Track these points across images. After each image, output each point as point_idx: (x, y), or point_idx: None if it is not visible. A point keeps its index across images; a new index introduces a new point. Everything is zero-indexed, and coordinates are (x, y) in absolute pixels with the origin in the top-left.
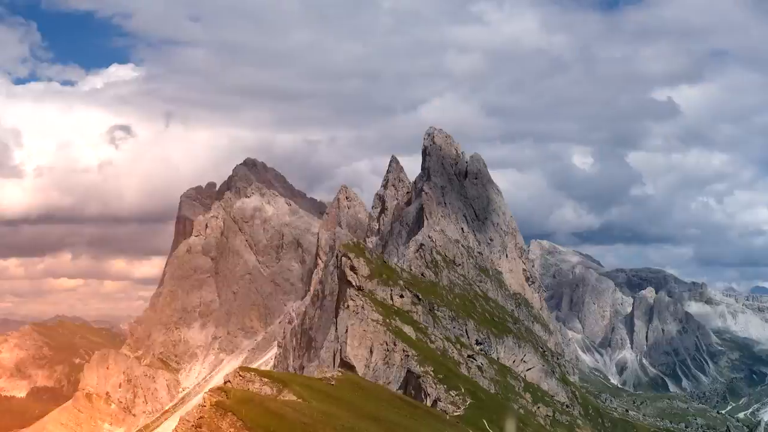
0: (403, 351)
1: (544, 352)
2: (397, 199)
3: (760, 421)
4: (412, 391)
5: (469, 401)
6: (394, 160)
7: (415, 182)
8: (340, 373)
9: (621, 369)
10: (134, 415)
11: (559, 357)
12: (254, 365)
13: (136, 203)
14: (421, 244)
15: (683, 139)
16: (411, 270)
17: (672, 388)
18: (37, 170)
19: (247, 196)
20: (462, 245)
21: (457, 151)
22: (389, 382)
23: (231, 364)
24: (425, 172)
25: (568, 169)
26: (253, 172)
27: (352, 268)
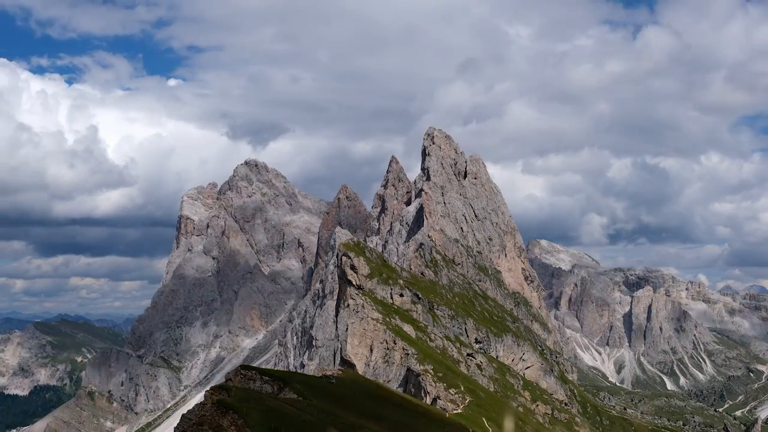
0: (403, 349)
1: (543, 350)
2: (396, 198)
3: (756, 418)
4: (412, 389)
5: (468, 399)
6: (394, 161)
7: (414, 182)
8: (340, 372)
9: (619, 367)
10: (136, 413)
11: (558, 355)
12: (255, 363)
13: None
14: (421, 244)
15: (716, 148)
16: (411, 269)
17: (670, 386)
18: (131, 175)
19: (248, 196)
20: (461, 244)
21: (456, 152)
22: (389, 381)
23: (232, 362)
24: (425, 172)
25: (606, 174)
26: (254, 173)
27: (353, 268)
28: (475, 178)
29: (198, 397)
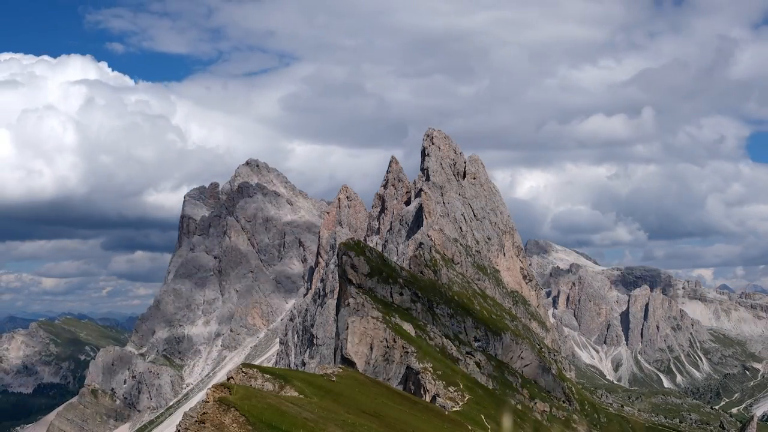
0: (403, 348)
1: (541, 348)
2: (396, 198)
3: (752, 416)
4: (412, 387)
5: (467, 397)
6: (393, 161)
7: (414, 182)
8: (340, 370)
9: (616, 365)
10: (139, 410)
11: (556, 353)
12: (256, 362)
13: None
14: (420, 243)
15: (742, 153)
16: (410, 268)
17: (666, 384)
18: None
19: (249, 196)
20: (460, 244)
21: (455, 152)
22: (389, 379)
23: (234, 360)
24: (424, 172)
25: (636, 178)
26: (255, 173)
27: (353, 267)
28: (474, 179)
29: (200, 395)
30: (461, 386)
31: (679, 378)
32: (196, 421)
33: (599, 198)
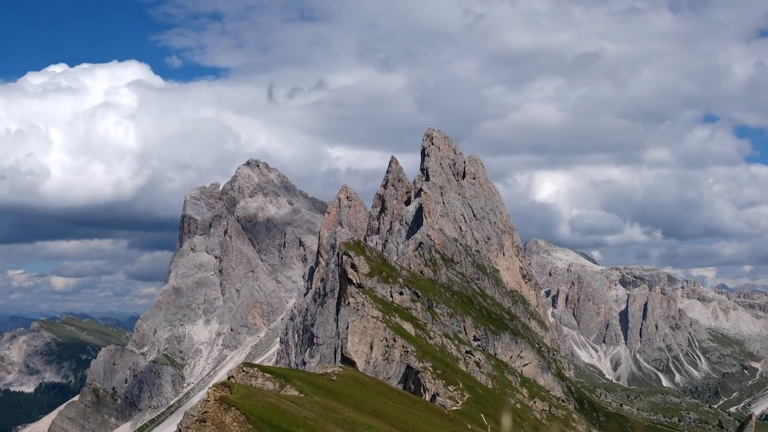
0: (403, 347)
1: (541, 348)
2: (396, 198)
3: (751, 414)
4: (412, 386)
5: (467, 396)
6: (393, 161)
7: (414, 182)
8: (340, 369)
9: (615, 364)
10: (140, 409)
11: (555, 353)
12: (257, 361)
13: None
14: (420, 243)
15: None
16: (410, 268)
17: (665, 382)
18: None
19: (250, 196)
20: (460, 243)
21: (455, 152)
22: (389, 378)
23: (234, 359)
24: (424, 173)
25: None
26: (255, 173)
27: (353, 266)
28: (474, 178)
29: (201, 394)
30: (461, 385)
31: (677, 377)
32: (197, 420)
33: (615, 200)
